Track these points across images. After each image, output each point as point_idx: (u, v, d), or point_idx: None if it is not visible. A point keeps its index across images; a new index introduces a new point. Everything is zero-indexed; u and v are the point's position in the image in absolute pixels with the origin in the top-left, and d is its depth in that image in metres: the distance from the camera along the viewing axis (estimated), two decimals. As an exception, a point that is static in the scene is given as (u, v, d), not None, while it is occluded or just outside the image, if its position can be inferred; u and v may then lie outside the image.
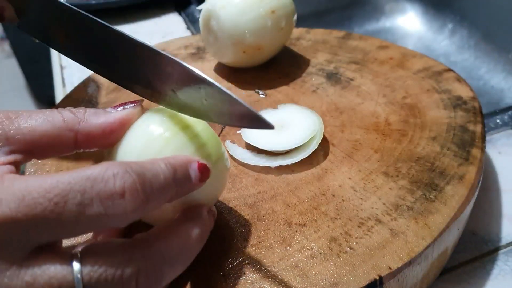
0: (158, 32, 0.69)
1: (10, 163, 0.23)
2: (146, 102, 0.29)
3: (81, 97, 0.47)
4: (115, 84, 0.32)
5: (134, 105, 0.27)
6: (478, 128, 0.38)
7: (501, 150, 0.45)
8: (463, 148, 0.36)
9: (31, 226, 0.20)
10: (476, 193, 0.35)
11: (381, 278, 0.28)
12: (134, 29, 0.71)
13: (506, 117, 0.48)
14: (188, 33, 0.70)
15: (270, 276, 0.29)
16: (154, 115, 0.28)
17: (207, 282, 0.28)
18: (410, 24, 0.79)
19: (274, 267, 0.29)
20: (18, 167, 0.24)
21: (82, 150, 0.26)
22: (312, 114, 0.39)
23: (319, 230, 0.31)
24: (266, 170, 0.36)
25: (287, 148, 0.37)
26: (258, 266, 0.29)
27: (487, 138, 0.45)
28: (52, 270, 0.20)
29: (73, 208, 0.20)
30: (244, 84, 0.47)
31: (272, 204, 0.33)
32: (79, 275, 0.21)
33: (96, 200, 0.20)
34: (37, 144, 0.24)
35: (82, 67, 0.33)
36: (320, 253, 0.30)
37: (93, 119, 0.26)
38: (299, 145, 0.37)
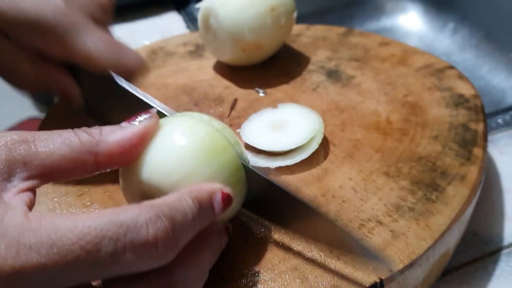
0: (157, 31, 0.69)
1: (28, 189, 0.23)
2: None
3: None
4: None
5: (149, 116, 0.26)
6: (480, 127, 0.38)
7: (503, 150, 0.44)
8: (464, 148, 0.36)
9: (62, 272, 0.20)
10: (478, 194, 0.34)
11: (381, 280, 0.28)
12: (133, 28, 0.70)
13: (507, 117, 0.48)
14: (187, 32, 0.69)
15: (270, 279, 0.28)
16: (187, 126, 0.27)
17: (207, 285, 0.28)
18: (411, 23, 0.79)
19: (274, 269, 0.29)
20: (35, 193, 0.23)
21: (103, 171, 0.25)
22: (312, 114, 0.39)
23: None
24: (266, 171, 0.36)
25: (286, 148, 0.36)
26: (258, 268, 0.29)
27: (489, 138, 0.45)
28: None
29: (106, 256, 0.20)
30: (244, 83, 0.46)
31: (271, 205, 0.33)
32: None
33: (129, 249, 0.20)
34: (55, 169, 0.23)
35: None
36: (320, 256, 0.29)
37: (110, 137, 0.25)
38: (299, 145, 0.36)
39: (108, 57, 0.34)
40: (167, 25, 0.71)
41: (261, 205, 0.31)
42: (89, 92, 0.37)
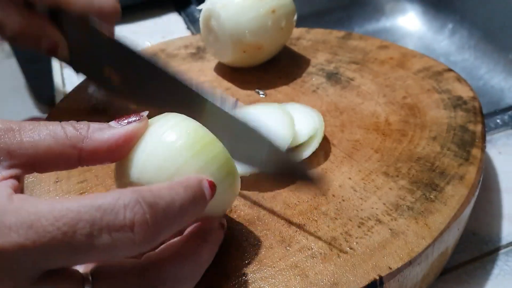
0: (158, 32, 0.69)
1: (11, 177, 0.23)
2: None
3: (81, 97, 0.47)
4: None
5: (139, 119, 0.26)
6: (478, 128, 0.38)
7: (501, 150, 0.45)
8: (463, 148, 0.36)
9: (40, 253, 0.20)
10: (476, 193, 0.35)
11: (381, 278, 0.28)
12: (134, 29, 0.71)
13: (506, 117, 0.48)
14: (188, 33, 0.70)
15: (270, 276, 0.29)
16: (172, 124, 0.27)
17: (207, 283, 0.28)
18: (410, 24, 0.79)
19: (274, 267, 0.29)
20: (20, 181, 0.24)
21: (86, 166, 0.26)
22: (312, 112, 0.39)
23: (319, 230, 0.31)
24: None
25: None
26: (258, 266, 0.29)
27: (487, 138, 0.45)
28: None
29: (82, 238, 0.20)
30: (244, 84, 0.47)
31: (272, 204, 0.33)
32: None
33: (105, 232, 0.20)
34: (39, 160, 0.24)
35: None
36: (320, 253, 0.30)
37: (97, 135, 0.25)
38: (299, 143, 0.37)
39: (86, 0, 0.35)
40: (168, 26, 0.71)
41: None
42: (72, 41, 0.38)
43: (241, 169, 0.31)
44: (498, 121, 0.48)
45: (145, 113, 0.27)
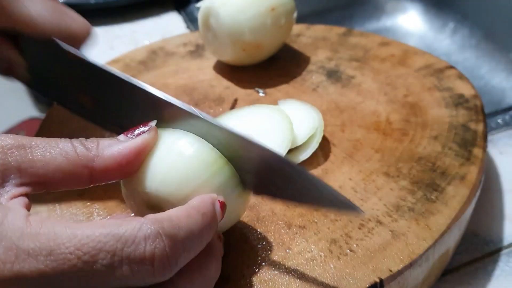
0: (157, 31, 0.69)
1: (21, 195, 0.23)
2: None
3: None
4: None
5: (148, 130, 0.26)
6: (480, 127, 0.38)
7: (502, 150, 0.45)
8: (464, 148, 0.36)
9: (58, 280, 0.20)
10: (478, 194, 0.34)
11: (381, 280, 0.28)
12: (133, 28, 0.70)
13: (507, 117, 0.48)
14: (187, 32, 0.69)
15: (270, 278, 0.28)
16: (190, 139, 0.27)
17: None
18: (411, 23, 0.79)
19: (274, 269, 0.29)
20: (29, 198, 0.23)
21: (97, 184, 0.25)
22: (311, 110, 0.39)
23: (319, 232, 0.31)
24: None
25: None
26: (258, 268, 0.29)
27: (489, 138, 0.45)
28: None
29: (102, 268, 0.20)
30: (244, 83, 0.46)
31: (272, 206, 0.33)
32: None
33: (125, 263, 0.20)
34: (49, 178, 0.23)
35: None
36: (320, 256, 0.29)
37: (107, 152, 0.24)
38: (298, 144, 0.36)
39: (52, 22, 0.32)
40: (167, 25, 0.71)
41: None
42: (34, 63, 0.35)
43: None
44: (499, 121, 0.48)
45: (154, 123, 0.26)
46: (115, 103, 0.31)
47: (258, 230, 0.31)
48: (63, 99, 0.35)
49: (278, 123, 0.37)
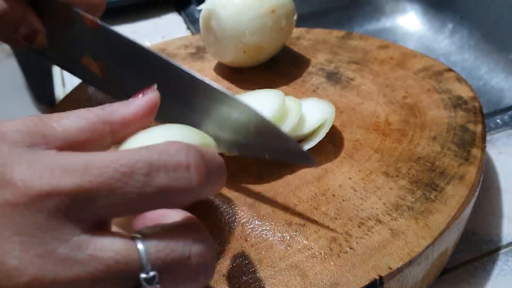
0: (158, 32, 0.69)
1: None
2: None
3: (81, 97, 0.47)
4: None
5: (152, 91, 0.27)
6: (479, 128, 0.38)
7: (501, 150, 0.45)
8: (463, 148, 0.36)
9: (96, 195, 0.19)
10: (477, 193, 0.35)
11: (381, 278, 0.28)
12: (134, 29, 0.71)
13: (506, 117, 0.48)
14: (188, 33, 0.70)
15: (270, 276, 0.29)
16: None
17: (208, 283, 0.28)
18: (410, 24, 0.79)
19: (274, 267, 0.29)
20: None
21: (118, 140, 0.26)
22: (326, 104, 0.39)
23: (319, 230, 0.31)
24: (266, 169, 0.36)
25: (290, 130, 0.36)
26: (258, 266, 0.29)
27: (488, 138, 0.45)
28: (117, 247, 0.20)
29: (140, 178, 0.20)
30: (244, 84, 0.47)
31: (272, 204, 0.33)
32: (144, 251, 0.20)
33: (163, 171, 0.20)
34: (73, 141, 0.24)
35: None
36: (320, 253, 0.30)
37: (122, 108, 0.26)
38: (306, 132, 0.37)
39: None
40: (168, 26, 0.71)
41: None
42: (51, 30, 0.37)
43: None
44: (498, 121, 0.48)
45: (155, 86, 0.28)
46: (128, 72, 0.32)
47: (258, 228, 0.32)
48: (75, 68, 0.36)
49: (269, 95, 0.38)
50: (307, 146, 0.37)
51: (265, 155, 0.30)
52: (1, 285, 0.18)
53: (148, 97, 0.27)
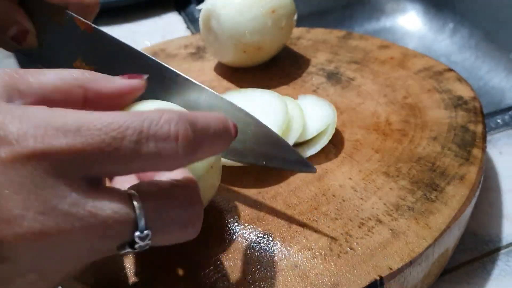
0: (157, 31, 0.69)
1: None
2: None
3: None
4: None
5: (141, 77, 0.27)
6: (479, 128, 0.38)
7: (502, 150, 0.45)
8: (464, 148, 0.36)
9: (88, 156, 0.20)
10: (477, 193, 0.35)
11: (381, 278, 0.28)
12: (133, 29, 0.71)
13: (507, 117, 0.48)
14: (188, 32, 0.69)
15: (270, 276, 0.29)
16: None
17: (207, 283, 0.28)
18: (410, 24, 0.79)
19: (274, 267, 0.29)
20: None
21: (88, 109, 0.26)
22: (328, 107, 0.39)
23: (319, 231, 0.31)
24: (266, 169, 0.36)
25: (294, 141, 0.36)
26: (259, 266, 0.29)
27: (488, 138, 0.45)
28: (114, 205, 0.20)
29: (130, 145, 0.20)
30: (244, 84, 0.47)
31: (272, 204, 0.33)
32: (140, 211, 0.21)
33: (152, 140, 0.21)
34: (48, 99, 0.24)
35: None
36: (321, 254, 0.30)
37: (103, 80, 0.26)
38: (308, 138, 0.37)
39: None
40: (168, 26, 0.71)
41: None
42: (41, 31, 0.36)
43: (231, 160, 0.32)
44: (498, 121, 0.48)
45: (145, 76, 0.28)
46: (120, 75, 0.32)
47: (259, 228, 0.32)
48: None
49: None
50: (309, 152, 0.37)
51: (263, 163, 0.30)
52: (5, 240, 0.19)
53: (132, 82, 0.27)
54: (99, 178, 0.22)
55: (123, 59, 0.32)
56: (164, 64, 0.32)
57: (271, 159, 0.30)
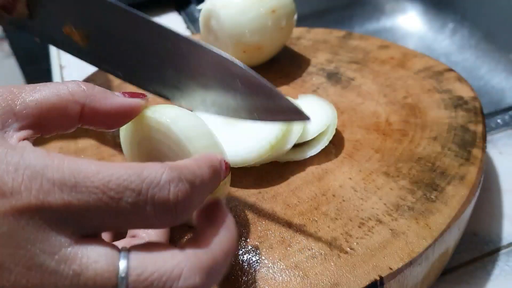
0: (158, 31, 0.69)
1: (25, 138, 0.23)
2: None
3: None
4: (114, 85, 0.32)
5: (143, 97, 0.27)
6: (479, 128, 0.38)
7: (502, 150, 0.45)
8: (464, 148, 0.36)
9: (83, 213, 0.20)
10: (477, 194, 0.34)
11: (381, 278, 0.28)
12: (134, 29, 0.71)
13: (507, 117, 0.48)
14: (188, 32, 0.69)
15: (270, 276, 0.29)
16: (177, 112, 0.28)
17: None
18: (410, 24, 0.79)
19: (274, 267, 0.29)
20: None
21: (83, 126, 0.25)
22: (328, 108, 0.39)
23: (319, 230, 0.31)
24: (266, 170, 0.36)
25: (295, 142, 0.36)
26: (258, 266, 0.29)
27: (488, 138, 0.45)
28: (99, 266, 0.20)
29: (127, 206, 0.20)
30: (244, 84, 0.47)
31: (272, 204, 0.33)
32: (123, 275, 0.20)
33: (150, 204, 0.20)
34: (44, 119, 0.23)
35: (82, 66, 0.32)
36: (321, 253, 0.30)
37: (101, 97, 0.25)
38: (308, 139, 0.37)
39: None
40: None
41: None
42: (33, 1, 0.35)
43: (243, 161, 0.32)
44: (498, 121, 0.48)
45: (148, 96, 0.27)
46: (112, 38, 0.31)
47: (259, 228, 0.32)
48: (58, 39, 0.35)
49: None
50: (310, 153, 0.37)
51: (255, 116, 0.28)
52: None
53: (132, 101, 0.26)
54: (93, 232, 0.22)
55: (113, 20, 0.30)
56: (152, 19, 0.29)
57: (263, 112, 0.27)
